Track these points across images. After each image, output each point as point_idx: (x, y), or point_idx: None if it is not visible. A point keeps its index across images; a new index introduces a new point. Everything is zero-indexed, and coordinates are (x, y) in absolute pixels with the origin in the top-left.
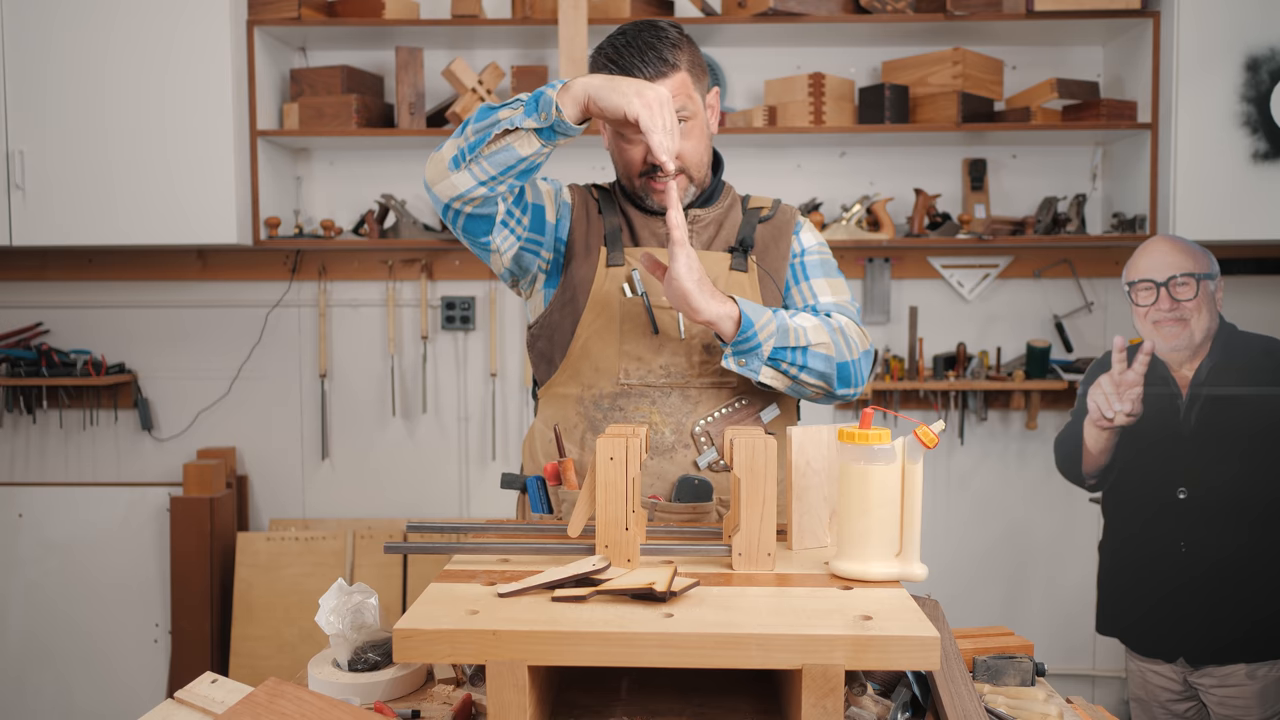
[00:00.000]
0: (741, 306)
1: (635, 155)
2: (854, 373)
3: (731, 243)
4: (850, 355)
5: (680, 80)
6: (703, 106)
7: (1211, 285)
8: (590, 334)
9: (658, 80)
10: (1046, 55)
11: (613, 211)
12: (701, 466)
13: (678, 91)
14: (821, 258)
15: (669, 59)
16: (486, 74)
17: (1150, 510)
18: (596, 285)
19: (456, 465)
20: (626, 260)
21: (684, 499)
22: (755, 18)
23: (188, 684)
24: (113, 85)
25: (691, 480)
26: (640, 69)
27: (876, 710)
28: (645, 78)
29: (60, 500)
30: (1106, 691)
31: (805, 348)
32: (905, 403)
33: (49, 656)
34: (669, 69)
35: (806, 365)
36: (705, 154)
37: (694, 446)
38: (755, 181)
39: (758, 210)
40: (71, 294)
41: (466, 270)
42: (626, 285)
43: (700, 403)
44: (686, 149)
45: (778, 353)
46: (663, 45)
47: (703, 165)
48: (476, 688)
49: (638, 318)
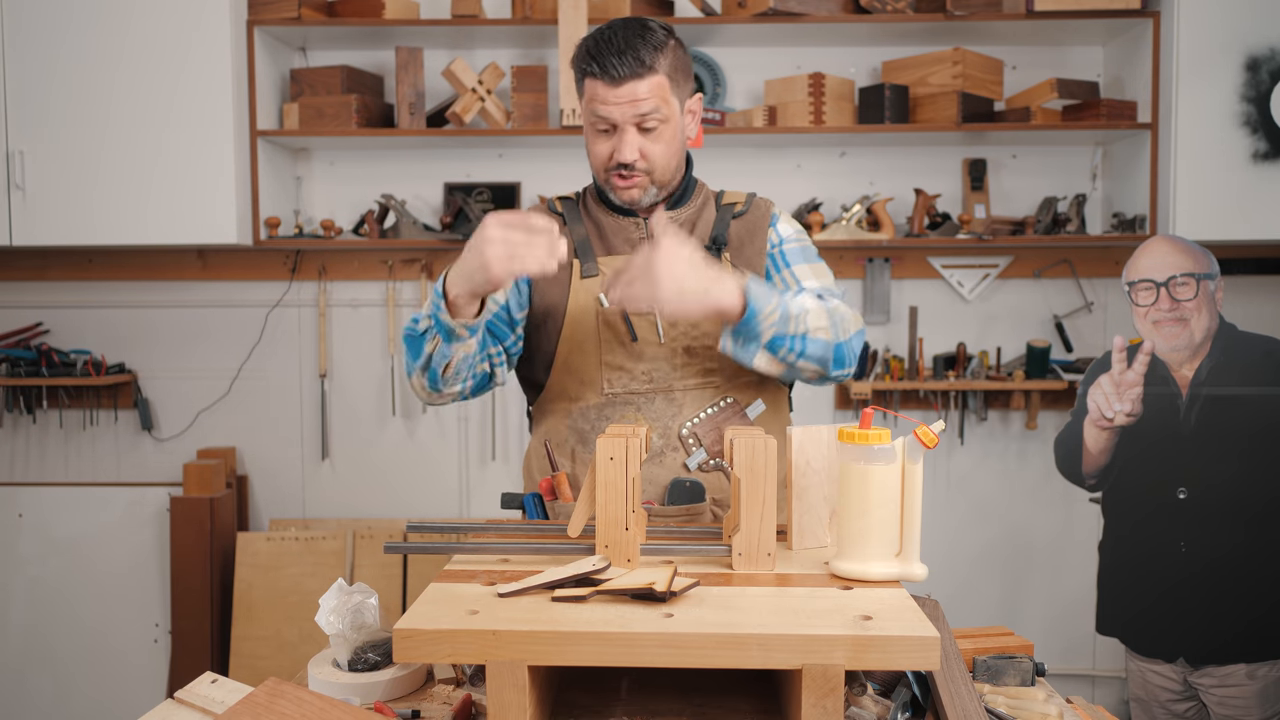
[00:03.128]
0: (749, 292)
1: (602, 151)
2: (848, 353)
3: (705, 242)
4: (844, 336)
5: (656, 83)
6: (679, 111)
7: (1211, 285)
8: (570, 349)
9: (630, 81)
10: (1046, 55)
11: (579, 220)
12: (691, 468)
13: (653, 93)
14: (801, 245)
15: (646, 61)
16: (486, 74)
17: (1150, 510)
18: (572, 300)
19: (456, 465)
20: (600, 270)
21: (678, 501)
22: (755, 18)
23: (188, 684)
24: (113, 85)
25: (683, 483)
26: (615, 67)
27: (876, 710)
28: (619, 77)
29: (60, 500)
30: (1106, 691)
31: (805, 334)
32: (905, 403)
33: (49, 656)
34: (645, 71)
35: (805, 352)
36: (675, 158)
37: (682, 449)
38: (756, 181)
39: (731, 206)
40: (71, 294)
41: None
42: (603, 295)
43: (685, 405)
44: (655, 152)
45: (776, 340)
46: (643, 47)
47: (669, 169)
48: (476, 688)
49: (616, 327)
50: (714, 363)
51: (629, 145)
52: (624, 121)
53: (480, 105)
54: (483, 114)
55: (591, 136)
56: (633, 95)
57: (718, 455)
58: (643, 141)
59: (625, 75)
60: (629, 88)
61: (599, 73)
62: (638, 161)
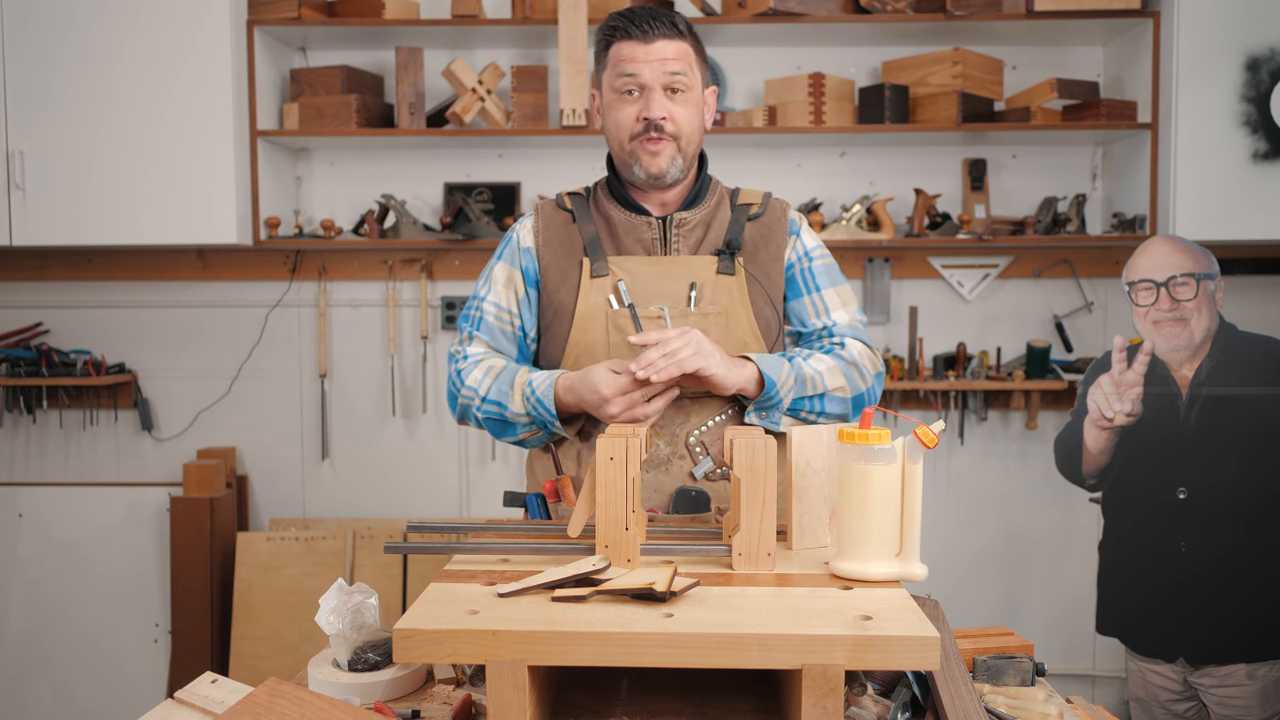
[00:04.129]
0: (760, 366)
1: (627, 115)
2: (868, 398)
3: (719, 244)
4: (864, 385)
5: (684, 49)
6: (700, 85)
7: (1211, 285)
8: (579, 352)
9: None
10: (1046, 55)
11: (588, 218)
12: (698, 477)
13: (681, 57)
14: (826, 264)
15: (678, 26)
16: (486, 74)
17: (1150, 510)
18: (581, 301)
19: (456, 465)
20: (611, 270)
21: (682, 510)
22: (755, 18)
23: (188, 684)
24: (113, 85)
25: (689, 492)
26: (650, 27)
27: (876, 710)
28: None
29: (60, 500)
30: (1106, 691)
31: (823, 395)
32: (905, 403)
33: (49, 656)
34: (675, 34)
35: (824, 411)
36: (697, 132)
37: (689, 457)
38: (755, 181)
39: (747, 207)
40: (71, 294)
41: (466, 270)
42: (613, 296)
43: (693, 413)
44: (681, 116)
45: (797, 403)
46: (675, 17)
47: (694, 140)
48: (476, 688)
49: (626, 329)
50: None
51: (658, 103)
52: (653, 81)
53: (480, 105)
54: (483, 114)
55: (616, 104)
56: (663, 54)
57: (724, 464)
58: (670, 105)
59: (658, 33)
60: (660, 45)
61: (632, 31)
62: (665, 123)
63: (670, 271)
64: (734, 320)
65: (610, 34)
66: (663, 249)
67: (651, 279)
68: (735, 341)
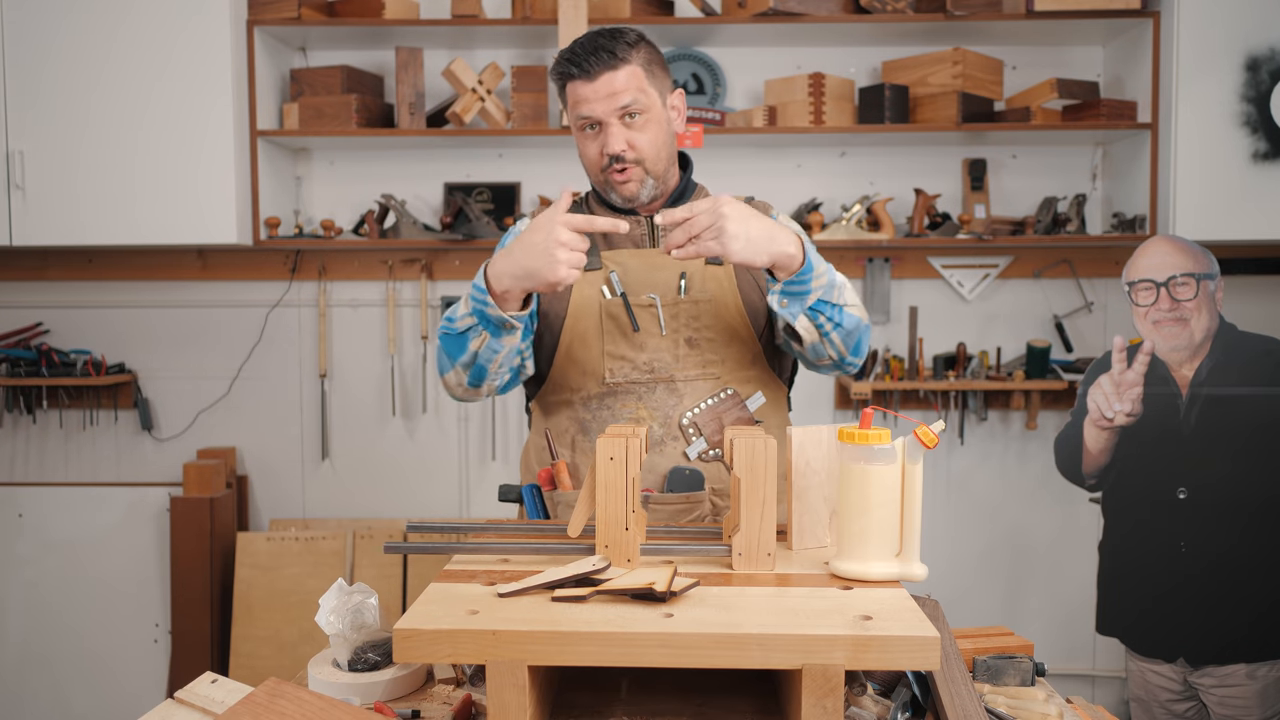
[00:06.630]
0: (806, 248)
1: (592, 151)
2: (864, 342)
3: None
4: (866, 322)
5: (631, 73)
6: (661, 105)
7: (1211, 285)
8: (573, 339)
9: (605, 73)
10: (1046, 55)
11: None
12: (691, 457)
13: (629, 84)
14: None
15: (619, 55)
16: (486, 74)
17: (1150, 510)
18: (575, 292)
19: (456, 465)
20: (604, 264)
21: (676, 489)
22: (755, 18)
23: (188, 684)
24: (113, 85)
25: (683, 471)
26: (592, 63)
27: (876, 710)
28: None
29: (60, 500)
30: (1106, 691)
31: (843, 306)
32: (905, 403)
33: (49, 657)
34: (618, 63)
35: (840, 323)
36: (664, 149)
37: (683, 438)
38: (756, 181)
39: None
40: (71, 294)
41: (466, 270)
42: (605, 287)
43: (686, 395)
44: (642, 142)
45: (819, 304)
46: (613, 44)
47: (660, 159)
48: (476, 688)
49: (618, 317)
50: (715, 354)
51: (615, 137)
52: (606, 115)
53: (480, 105)
54: (483, 114)
55: (582, 142)
56: (610, 87)
57: (717, 445)
58: (628, 133)
59: (599, 68)
60: (605, 80)
61: (575, 72)
62: (626, 152)
63: (661, 263)
64: (723, 307)
65: (561, 76)
66: (652, 245)
67: (643, 270)
68: (725, 327)
